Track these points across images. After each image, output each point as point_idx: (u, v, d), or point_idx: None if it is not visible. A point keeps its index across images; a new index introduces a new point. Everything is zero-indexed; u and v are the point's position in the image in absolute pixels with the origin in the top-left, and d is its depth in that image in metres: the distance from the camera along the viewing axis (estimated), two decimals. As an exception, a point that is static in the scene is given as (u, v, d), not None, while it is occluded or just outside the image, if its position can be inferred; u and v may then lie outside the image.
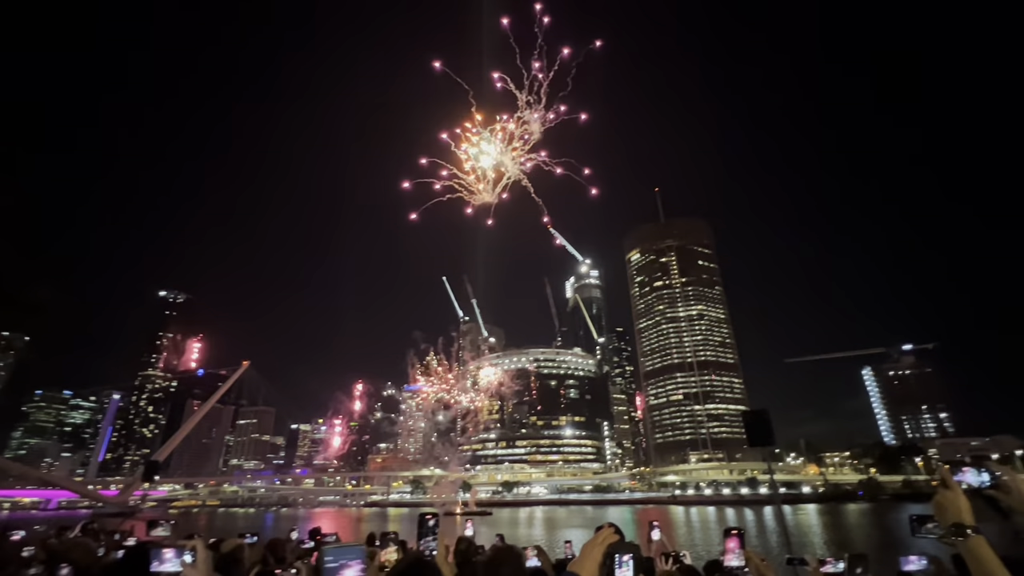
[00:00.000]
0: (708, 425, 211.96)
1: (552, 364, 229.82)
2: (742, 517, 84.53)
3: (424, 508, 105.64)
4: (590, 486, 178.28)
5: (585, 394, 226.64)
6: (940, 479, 2.10)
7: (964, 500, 2.01)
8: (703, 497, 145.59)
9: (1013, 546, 2.04)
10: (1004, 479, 2.09)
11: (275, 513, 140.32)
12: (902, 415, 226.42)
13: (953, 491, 2.04)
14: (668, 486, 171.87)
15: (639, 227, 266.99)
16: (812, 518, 77.94)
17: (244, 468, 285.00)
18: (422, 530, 3.92)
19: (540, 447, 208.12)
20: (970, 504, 2.00)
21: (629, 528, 63.67)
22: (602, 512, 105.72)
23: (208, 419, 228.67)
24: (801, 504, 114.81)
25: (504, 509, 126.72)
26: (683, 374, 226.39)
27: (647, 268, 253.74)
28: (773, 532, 55.93)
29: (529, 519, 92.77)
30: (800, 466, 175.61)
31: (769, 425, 11.63)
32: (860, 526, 65.27)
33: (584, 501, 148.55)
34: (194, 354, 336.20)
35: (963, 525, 1.93)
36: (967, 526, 1.92)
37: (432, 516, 3.97)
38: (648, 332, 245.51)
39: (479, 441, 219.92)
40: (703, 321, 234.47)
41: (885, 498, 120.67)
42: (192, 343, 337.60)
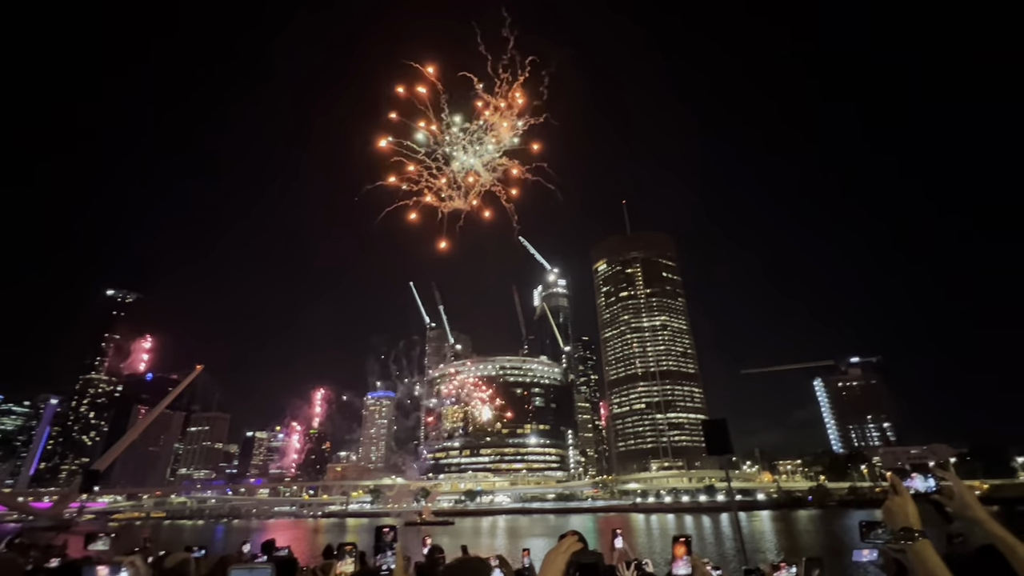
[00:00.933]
0: (669, 434, 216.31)
1: (518, 372, 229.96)
2: (700, 524, 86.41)
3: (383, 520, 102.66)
4: (553, 494, 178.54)
5: (551, 402, 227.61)
6: (891, 485, 2.19)
7: (912, 505, 2.11)
8: (663, 505, 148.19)
9: (946, 546, 2.17)
10: (948, 484, 2.22)
11: (226, 525, 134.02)
12: (849, 424, 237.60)
13: (902, 496, 2.14)
14: (630, 494, 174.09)
15: (606, 238, 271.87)
16: (766, 524, 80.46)
17: (194, 478, 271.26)
18: (379, 544, 3.72)
19: (504, 455, 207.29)
20: (917, 509, 2.10)
21: (591, 536, 63.81)
22: (565, 520, 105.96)
23: (156, 426, 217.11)
24: (756, 511, 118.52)
25: (466, 519, 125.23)
26: (646, 383, 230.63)
27: (613, 279, 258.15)
28: (729, 539, 57.39)
29: (492, 528, 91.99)
30: (755, 474, 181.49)
31: (727, 434, 11.96)
32: (810, 531, 67.79)
33: (547, 510, 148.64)
34: (143, 357, 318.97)
35: (912, 529, 2.02)
36: (915, 530, 2.01)
37: (390, 529, 3.77)
38: (613, 342, 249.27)
39: (442, 449, 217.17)
40: (666, 332, 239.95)
41: (833, 504, 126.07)
42: (141, 345, 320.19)
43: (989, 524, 2.11)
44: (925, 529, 2.02)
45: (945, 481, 2.25)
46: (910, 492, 2.18)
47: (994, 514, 2.11)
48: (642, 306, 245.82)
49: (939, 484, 2.23)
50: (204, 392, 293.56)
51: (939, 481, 2.23)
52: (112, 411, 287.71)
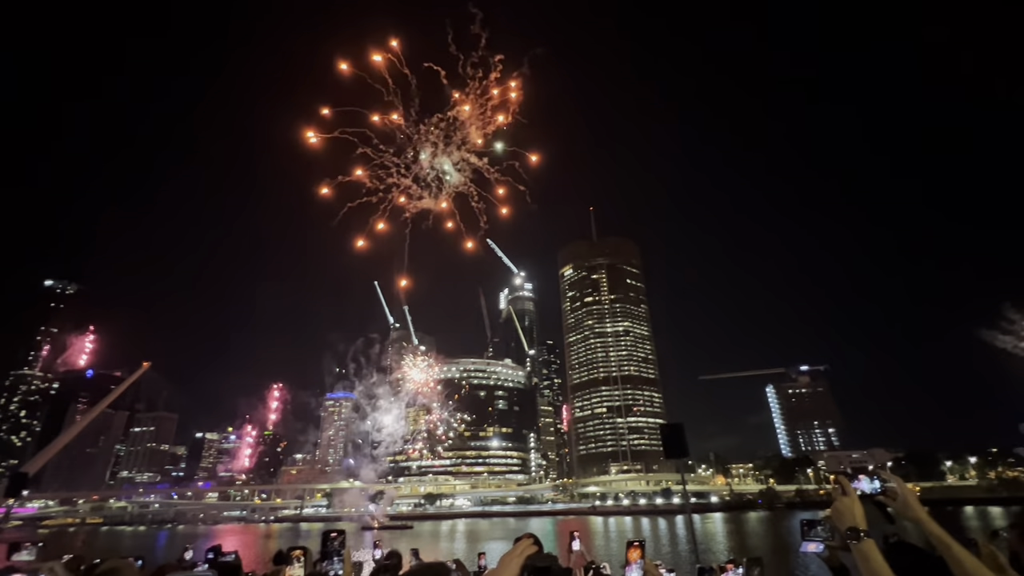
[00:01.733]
0: (629, 437, 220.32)
1: (482, 375, 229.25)
2: (656, 526, 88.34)
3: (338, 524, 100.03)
4: (514, 497, 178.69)
5: (514, 405, 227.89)
6: (840, 486, 2.31)
7: (860, 506, 2.24)
8: (621, 507, 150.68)
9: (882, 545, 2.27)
10: (892, 487, 2.34)
11: (170, 531, 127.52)
12: (797, 430, 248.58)
13: (851, 497, 2.26)
14: (589, 497, 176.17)
15: (573, 244, 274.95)
16: (718, 526, 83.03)
17: (136, 481, 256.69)
18: (326, 549, 3.55)
19: (466, 458, 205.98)
20: (863, 509, 2.23)
21: (550, 539, 64.29)
22: (524, 523, 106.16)
23: (96, 426, 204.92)
24: (709, 513, 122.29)
25: (426, 522, 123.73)
26: (608, 388, 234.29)
27: (579, 284, 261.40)
28: (684, 540, 58.93)
29: (451, 532, 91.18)
30: (710, 477, 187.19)
31: (683, 438, 12.28)
32: (758, 532, 70.41)
33: (507, 513, 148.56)
34: (83, 352, 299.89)
35: (858, 529, 2.13)
36: (861, 530, 2.13)
37: (338, 534, 3.61)
38: (577, 346, 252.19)
39: (402, 452, 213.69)
40: (628, 337, 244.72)
41: (781, 506, 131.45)
42: (81, 340, 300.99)
43: (928, 524, 2.22)
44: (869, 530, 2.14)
45: (889, 483, 2.36)
46: (857, 493, 2.30)
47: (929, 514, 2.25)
48: (606, 311, 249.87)
49: (884, 486, 2.35)
50: (150, 391, 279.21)
51: (883, 483, 2.35)
52: (46, 410, 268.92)
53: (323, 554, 3.53)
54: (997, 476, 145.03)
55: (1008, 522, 3.72)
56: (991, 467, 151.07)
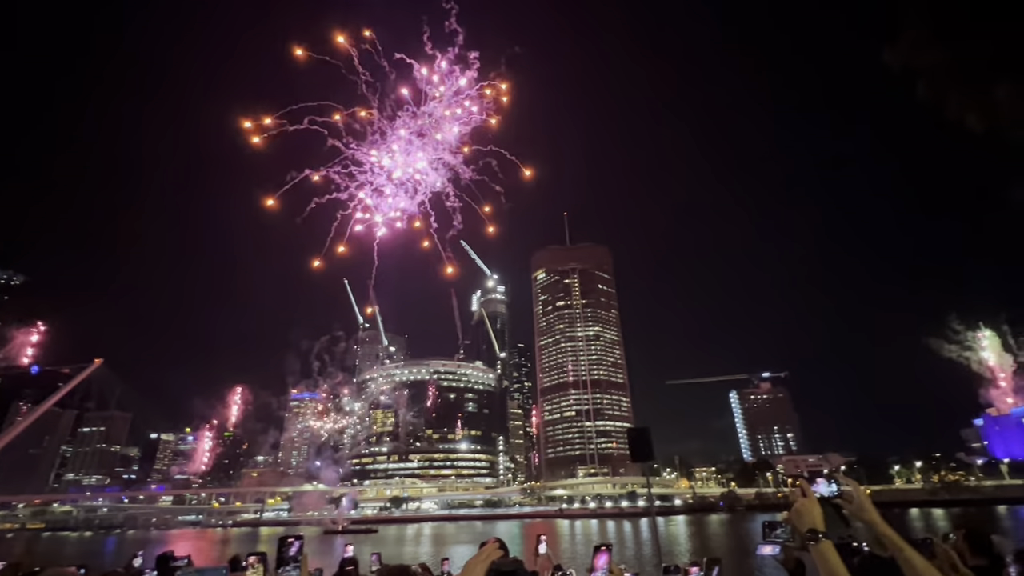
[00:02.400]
0: (597, 441, 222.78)
1: (452, 377, 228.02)
2: (621, 529, 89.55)
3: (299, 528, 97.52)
4: (481, 501, 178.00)
5: (483, 408, 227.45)
6: (800, 489, 2.39)
7: (819, 508, 2.30)
8: (588, 510, 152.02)
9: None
10: (848, 490, 2.43)
11: (119, 536, 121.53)
12: (758, 434, 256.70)
13: (810, 500, 2.33)
14: (556, 500, 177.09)
15: (546, 248, 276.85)
16: (681, 528, 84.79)
17: (83, 484, 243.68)
18: (281, 556, 3.34)
19: (434, 461, 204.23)
20: (821, 511, 2.29)
21: (516, 543, 64.22)
22: (491, 527, 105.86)
23: (41, 425, 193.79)
24: (673, 516, 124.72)
25: (391, 526, 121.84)
26: (577, 392, 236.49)
27: (551, 288, 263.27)
28: (648, 542, 59.90)
29: (417, 536, 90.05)
30: (674, 480, 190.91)
31: (649, 442, 12.50)
32: (719, 534, 72.27)
33: (474, 516, 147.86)
34: (28, 347, 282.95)
35: (817, 530, 2.20)
36: (820, 531, 2.19)
37: (295, 539, 3.41)
38: (548, 349, 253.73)
39: (369, 454, 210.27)
40: (599, 342, 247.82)
41: (741, 508, 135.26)
42: (26, 335, 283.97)
43: (881, 526, 2.33)
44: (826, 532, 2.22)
45: (845, 487, 2.45)
46: (815, 496, 2.37)
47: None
48: (577, 316, 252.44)
49: (840, 489, 2.43)
50: (102, 389, 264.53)
51: (840, 487, 2.44)
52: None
53: (279, 560, 3.34)
54: (940, 479, 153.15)
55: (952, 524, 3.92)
56: (935, 471, 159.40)
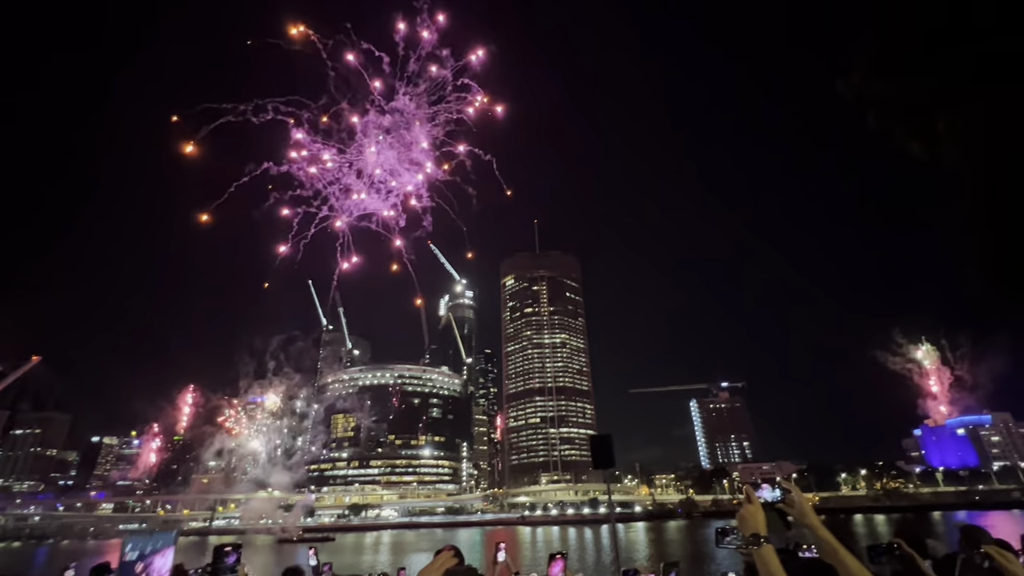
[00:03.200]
0: (560, 448, 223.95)
1: (417, 381, 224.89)
2: (582, 536, 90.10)
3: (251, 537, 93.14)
4: (443, 508, 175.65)
5: (448, 414, 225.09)
6: (745, 495, 2.49)
7: (762, 513, 2.40)
8: (550, 517, 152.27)
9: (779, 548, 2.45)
10: (790, 495, 2.54)
11: (51, 547, 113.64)
12: (716, 442, 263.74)
13: (754, 505, 2.43)
14: (519, 507, 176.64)
15: (516, 255, 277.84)
16: (641, 535, 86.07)
17: (14, 491, 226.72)
18: (217, 566, 3.12)
19: (395, 467, 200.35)
20: (765, 516, 2.40)
21: (477, 550, 63.56)
22: (452, 535, 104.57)
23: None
24: (633, 522, 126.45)
25: (348, 534, 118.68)
26: (542, 398, 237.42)
27: (520, 295, 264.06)
28: (608, 549, 60.47)
29: (375, 544, 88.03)
30: (635, 487, 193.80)
31: (611, 449, 12.64)
32: (677, 540, 73.73)
33: (435, 524, 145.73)
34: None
35: (759, 535, 2.30)
36: (762, 536, 2.30)
37: (233, 548, 3.20)
38: (514, 356, 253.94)
39: (328, 460, 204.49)
40: (565, 349, 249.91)
41: (698, 515, 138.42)
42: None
43: (820, 530, 2.41)
44: (769, 535, 2.33)
45: (788, 492, 2.55)
46: (760, 501, 2.47)
47: (822, 522, 2.46)
48: (545, 323, 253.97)
49: (783, 495, 2.53)
50: (39, 388, 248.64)
51: (784, 492, 2.54)
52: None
53: (215, 571, 3.10)
54: (882, 487, 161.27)
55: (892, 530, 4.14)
56: (877, 479, 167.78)
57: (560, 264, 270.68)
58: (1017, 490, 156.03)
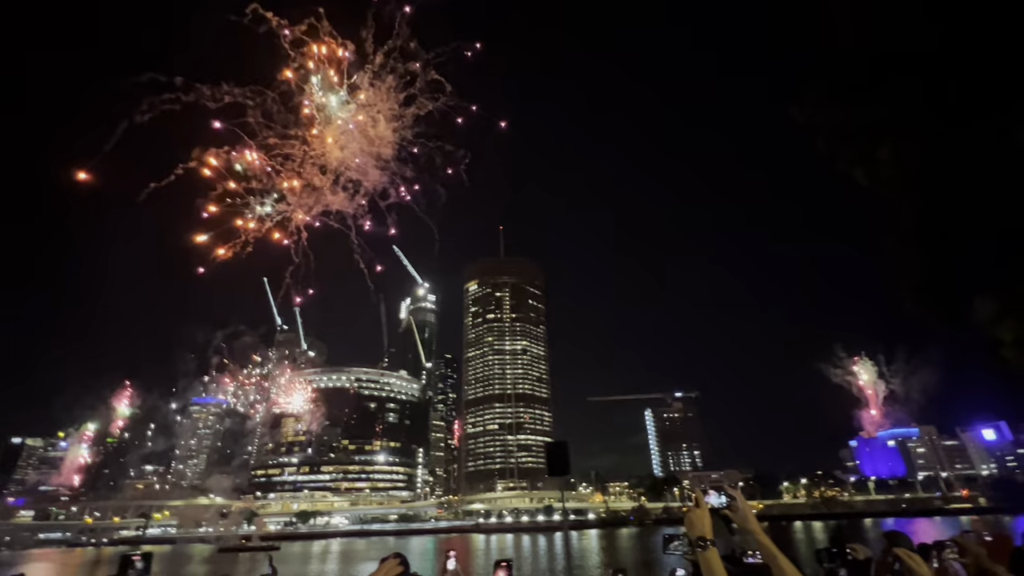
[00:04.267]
0: (518, 455, 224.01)
1: (374, 385, 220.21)
2: (536, 543, 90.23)
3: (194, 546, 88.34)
4: (396, 515, 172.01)
5: (405, 419, 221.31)
6: (695, 499, 2.61)
7: (708, 518, 2.51)
8: (504, 525, 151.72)
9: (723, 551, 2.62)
10: (734, 501, 2.64)
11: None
12: (669, 451, 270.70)
13: (702, 509, 2.54)
14: (474, 514, 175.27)
15: (480, 260, 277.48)
16: (593, 542, 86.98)
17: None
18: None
19: (348, 473, 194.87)
20: (711, 521, 2.51)
21: (429, 558, 62.58)
22: (404, 543, 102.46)
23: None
24: (586, 529, 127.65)
25: (296, 543, 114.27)
26: (501, 405, 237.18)
27: (482, 300, 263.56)
28: (561, 556, 60.82)
29: (323, 553, 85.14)
30: (589, 495, 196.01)
31: (567, 456, 12.74)
32: (628, 547, 74.98)
33: (387, 532, 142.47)
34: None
35: (705, 538, 2.42)
36: (708, 539, 2.42)
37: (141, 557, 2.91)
38: (475, 362, 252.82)
39: (276, 465, 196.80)
40: (526, 356, 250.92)
41: (650, 522, 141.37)
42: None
43: (760, 535, 2.53)
44: (715, 539, 2.45)
45: (733, 499, 2.65)
46: (708, 507, 2.58)
47: (764, 528, 2.59)
48: (506, 329, 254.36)
49: (728, 501, 2.62)
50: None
51: (729, 499, 2.63)
52: None
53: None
54: (820, 495, 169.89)
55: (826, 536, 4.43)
56: (817, 487, 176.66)
57: (524, 271, 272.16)
58: (939, 498, 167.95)
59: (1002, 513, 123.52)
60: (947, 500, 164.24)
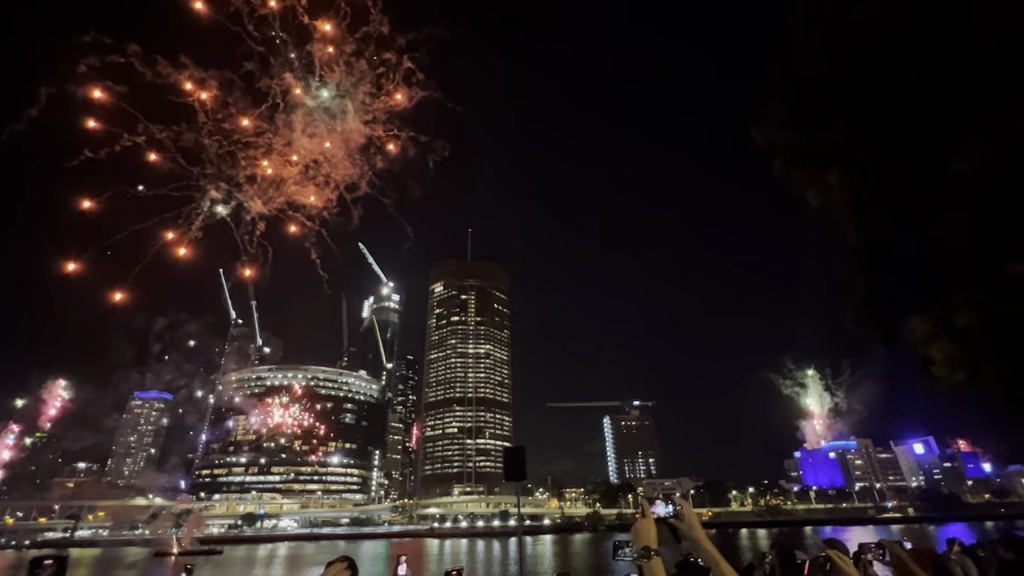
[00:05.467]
0: (476, 459, 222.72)
1: (332, 385, 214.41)
2: (490, 548, 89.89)
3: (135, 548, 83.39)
4: (348, 519, 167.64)
5: (362, 420, 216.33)
6: (641, 509, 2.64)
7: (654, 527, 2.52)
8: (459, 529, 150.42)
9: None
10: (680, 510, 2.67)
11: None
12: (625, 458, 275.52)
13: (648, 519, 2.54)
14: (428, 519, 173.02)
15: (446, 261, 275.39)
16: (548, 548, 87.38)
17: None
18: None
19: (300, 475, 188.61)
20: (657, 530, 2.52)
21: (381, 563, 61.28)
22: (356, 547, 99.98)
23: None
24: (541, 535, 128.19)
25: (240, 546, 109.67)
26: (461, 408, 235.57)
27: (447, 302, 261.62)
28: (514, 561, 60.72)
29: (269, 558, 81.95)
30: (545, 500, 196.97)
31: (523, 461, 12.78)
32: (581, 553, 75.69)
33: (338, 535, 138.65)
34: None
35: (649, 548, 2.43)
36: (653, 549, 2.43)
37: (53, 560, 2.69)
38: (437, 364, 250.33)
39: (223, 465, 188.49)
40: (489, 360, 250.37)
41: (603, 528, 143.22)
42: None
43: (704, 543, 2.58)
44: (660, 549, 2.47)
45: (679, 508, 2.68)
46: (655, 516, 2.59)
47: (711, 536, 2.63)
48: (470, 333, 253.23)
49: (676, 510, 2.65)
50: None
51: (676, 507, 2.65)
52: None
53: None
54: (765, 503, 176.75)
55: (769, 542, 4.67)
56: (762, 496, 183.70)
57: (490, 274, 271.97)
58: (873, 508, 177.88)
59: (928, 523, 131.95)
60: (879, 510, 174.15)
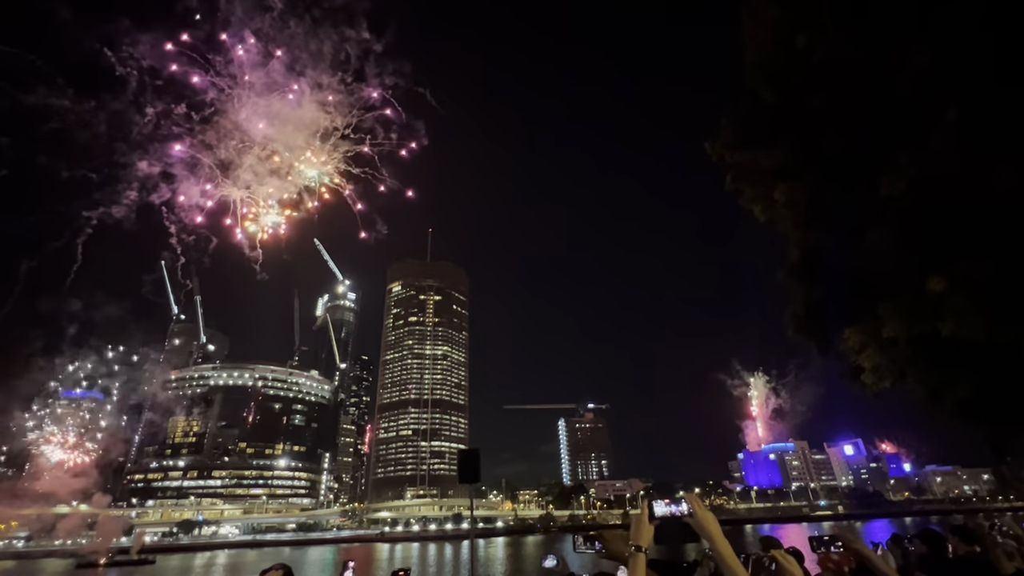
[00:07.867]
0: (430, 462, 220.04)
1: (281, 385, 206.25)
2: (442, 552, 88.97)
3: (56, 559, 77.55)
4: (294, 524, 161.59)
5: (312, 422, 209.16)
6: (643, 509, 2.68)
7: (650, 528, 2.59)
8: (411, 533, 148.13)
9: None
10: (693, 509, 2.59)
11: None
12: (578, 460, 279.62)
13: (645, 523, 2.60)
14: (379, 523, 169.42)
15: (406, 261, 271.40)
16: (500, 550, 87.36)
17: None
18: None
19: (243, 479, 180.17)
20: (652, 530, 2.59)
21: (328, 570, 59.60)
22: (301, 553, 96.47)
23: None
24: (494, 537, 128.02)
25: (174, 555, 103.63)
26: (416, 410, 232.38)
27: (405, 302, 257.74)
28: (466, 564, 60.40)
29: (208, 567, 77.83)
30: (499, 502, 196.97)
31: (478, 464, 12.75)
32: (533, 555, 76.17)
33: (283, 542, 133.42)
34: None
35: (641, 546, 2.53)
36: (643, 547, 2.53)
37: None
38: (393, 365, 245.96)
39: (159, 469, 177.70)
40: (446, 362, 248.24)
41: (555, 530, 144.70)
42: None
43: (719, 541, 2.50)
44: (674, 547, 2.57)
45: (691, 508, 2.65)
46: (662, 516, 2.61)
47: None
48: (428, 334, 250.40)
49: (690, 509, 2.59)
50: None
51: (691, 508, 2.59)
52: None
53: None
54: (710, 503, 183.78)
55: None
56: (708, 496, 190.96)
57: (450, 275, 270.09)
58: (807, 506, 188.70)
59: (855, 519, 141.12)
60: (813, 508, 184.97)
